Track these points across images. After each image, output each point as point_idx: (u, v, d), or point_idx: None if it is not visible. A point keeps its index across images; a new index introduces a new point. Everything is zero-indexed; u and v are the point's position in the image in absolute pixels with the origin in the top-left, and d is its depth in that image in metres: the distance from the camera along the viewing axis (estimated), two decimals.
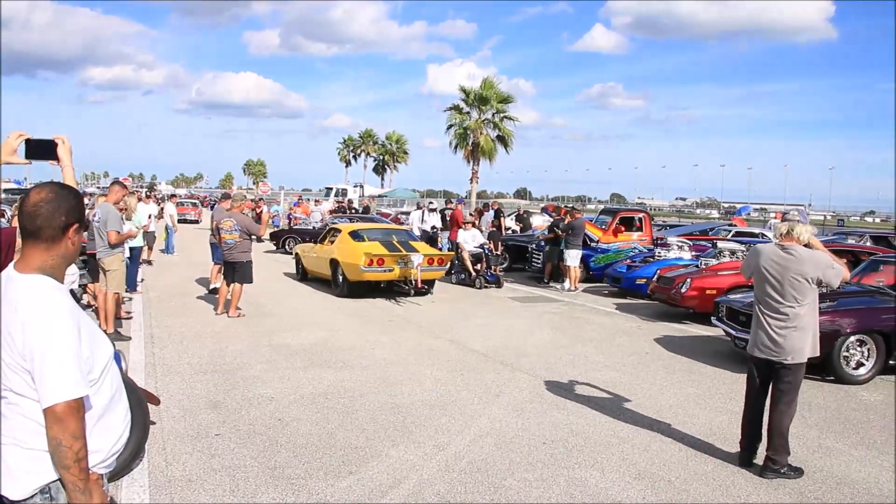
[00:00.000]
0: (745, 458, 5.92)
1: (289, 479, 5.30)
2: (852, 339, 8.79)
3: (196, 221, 41.09)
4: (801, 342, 5.67)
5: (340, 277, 14.99)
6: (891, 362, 8.89)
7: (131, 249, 14.99)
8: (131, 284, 14.75)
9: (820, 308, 7.45)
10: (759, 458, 5.82)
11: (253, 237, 12.32)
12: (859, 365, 8.82)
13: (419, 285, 14.59)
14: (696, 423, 7.00)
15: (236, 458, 5.67)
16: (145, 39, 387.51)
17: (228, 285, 12.17)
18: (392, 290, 15.39)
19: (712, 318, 10.62)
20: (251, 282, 12.25)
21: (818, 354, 5.87)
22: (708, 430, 6.76)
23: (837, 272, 5.66)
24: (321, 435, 6.28)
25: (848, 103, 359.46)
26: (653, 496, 5.21)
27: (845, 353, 8.76)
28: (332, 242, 15.82)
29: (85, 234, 9.12)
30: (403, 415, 6.93)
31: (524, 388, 8.09)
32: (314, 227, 25.77)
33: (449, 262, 16.26)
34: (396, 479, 5.34)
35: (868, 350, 8.83)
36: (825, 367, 8.69)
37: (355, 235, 15.47)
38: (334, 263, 15.19)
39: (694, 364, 9.49)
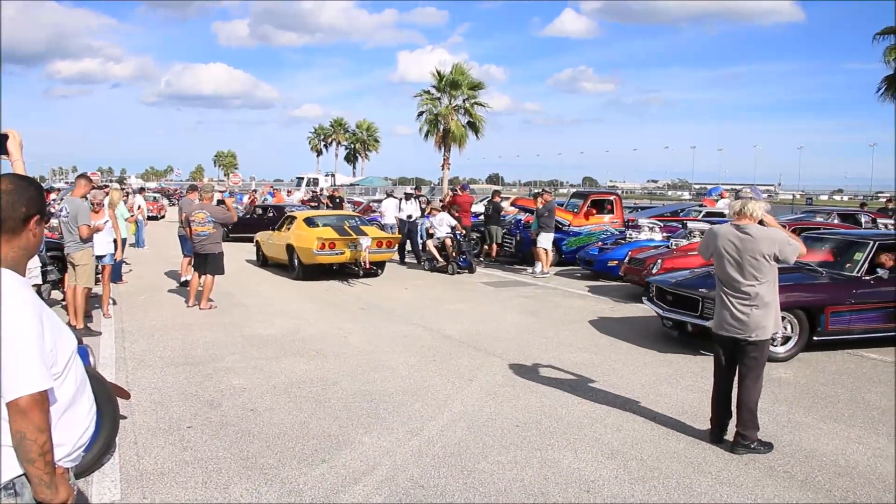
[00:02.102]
0: (715, 435, 5.98)
1: (261, 468, 5.29)
2: None
3: (157, 217, 36.66)
4: (765, 319, 5.72)
5: (296, 261, 15.97)
6: (815, 339, 8.95)
7: (114, 242, 14.88)
8: (116, 275, 14.63)
9: None
10: (730, 435, 5.88)
11: (226, 227, 12.24)
12: (785, 340, 8.86)
13: (367, 266, 15.56)
14: (668, 402, 7.06)
15: (209, 450, 5.64)
16: (113, 32, 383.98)
17: (200, 277, 12.10)
18: (344, 271, 16.17)
19: (643, 298, 10.72)
20: (223, 273, 12.20)
21: (779, 331, 5.91)
22: (679, 409, 6.82)
23: (794, 248, 5.72)
24: (294, 424, 6.26)
25: (816, 85, 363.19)
26: (625, 475, 5.25)
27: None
28: (289, 229, 16.79)
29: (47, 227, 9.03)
30: (376, 402, 6.93)
31: (497, 372, 8.12)
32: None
33: (396, 245, 17.50)
34: (370, 466, 5.35)
35: (791, 327, 8.87)
36: None
37: (309, 222, 16.46)
38: (290, 248, 16.22)
39: (666, 344, 9.56)
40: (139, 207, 22.21)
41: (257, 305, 12.38)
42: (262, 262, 18.52)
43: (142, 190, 36.55)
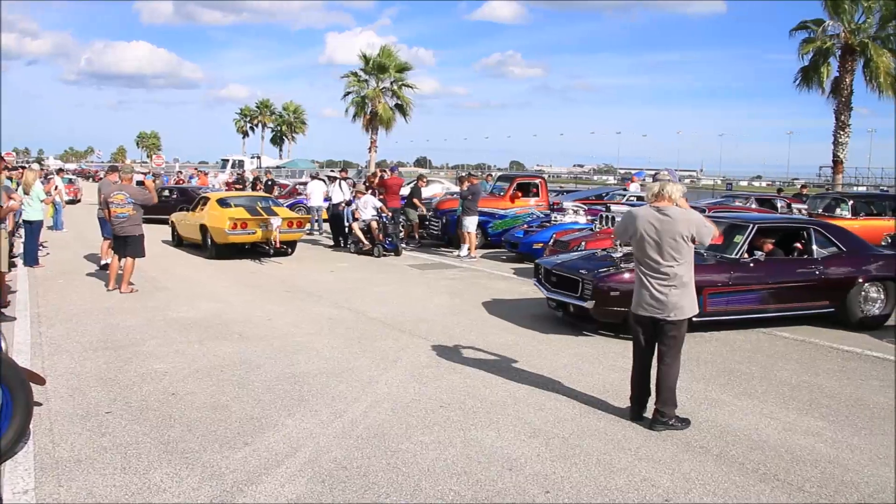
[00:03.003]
0: (635, 413, 6.12)
1: (182, 452, 5.22)
2: None
3: (74, 201, 34.13)
4: (683, 299, 5.86)
5: (209, 241, 16.50)
6: (693, 319, 9.21)
7: (31, 223, 14.49)
8: (31, 259, 14.23)
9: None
10: (649, 412, 6.03)
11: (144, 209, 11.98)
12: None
13: (278, 245, 16.06)
14: (589, 381, 7.19)
15: (128, 435, 5.55)
16: (27, 7, 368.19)
17: (120, 260, 11.85)
18: (256, 251, 16.87)
19: (533, 280, 10.85)
20: (143, 255, 11.97)
21: (696, 312, 6.06)
22: (601, 388, 6.96)
23: (709, 230, 5.92)
24: (216, 407, 6.20)
25: (737, 73, 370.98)
26: (547, 452, 5.34)
27: None
28: (203, 210, 17.24)
29: None
30: (300, 384, 6.90)
31: (421, 353, 8.16)
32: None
33: (307, 224, 18.54)
34: (293, 448, 5.33)
35: None
36: (626, 326, 9.04)
37: (222, 203, 16.94)
38: (203, 228, 16.74)
39: (587, 324, 9.71)
40: (56, 188, 21.58)
41: (180, 289, 12.17)
42: (178, 242, 18.88)
43: (60, 171, 35.45)
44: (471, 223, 16.90)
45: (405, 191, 20.92)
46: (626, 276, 8.71)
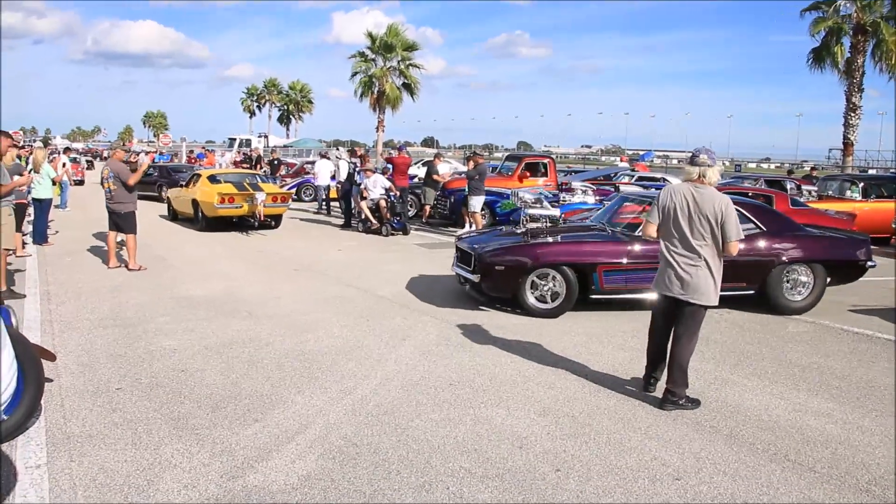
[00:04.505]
0: (647, 382, 6.20)
1: (193, 429, 5.23)
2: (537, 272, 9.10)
3: (80, 182, 33.59)
4: (707, 284, 5.78)
5: (200, 214, 17.89)
6: (591, 297, 9.19)
7: (40, 201, 14.54)
8: (41, 237, 14.28)
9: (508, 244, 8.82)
10: (659, 392, 6.04)
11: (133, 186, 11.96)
12: (555, 296, 9.10)
13: (262, 218, 17.53)
14: (599, 360, 7.18)
15: (138, 411, 5.56)
16: None
17: (116, 236, 11.96)
18: (244, 224, 18.18)
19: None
20: (132, 231, 11.86)
21: (717, 303, 5.96)
22: (611, 367, 6.95)
23: (736, 224, 5.76)
24: (226, 384, 6.21)
25: (744, 55, 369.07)
26: (557, 431, 5.34)
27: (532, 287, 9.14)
28: (195, 186, 18.70)
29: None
30: (309, 362, 6.91)
31: (431, 331, 8.15)
32: None
33: (290, 200, 19.84)
34: (303, 425, 5.33)
35: (557, 283, 9.09)
36: (515, 300, 9.17)
37: (213, 179, 18.50)
38: (195, 203, 18.07)
39: (599, 304, 9.64)
40: (64, 165, 21.59)
41: (188, 267, 12.19)
42: (173, 216, 20.33)
43: (66, 150, 35.45)
44: (477, 203, 16.85)
45: (421, 172, 20.91)
46: (508, 256, 9.07)
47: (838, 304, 9.85)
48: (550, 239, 9.40)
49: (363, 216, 17.87)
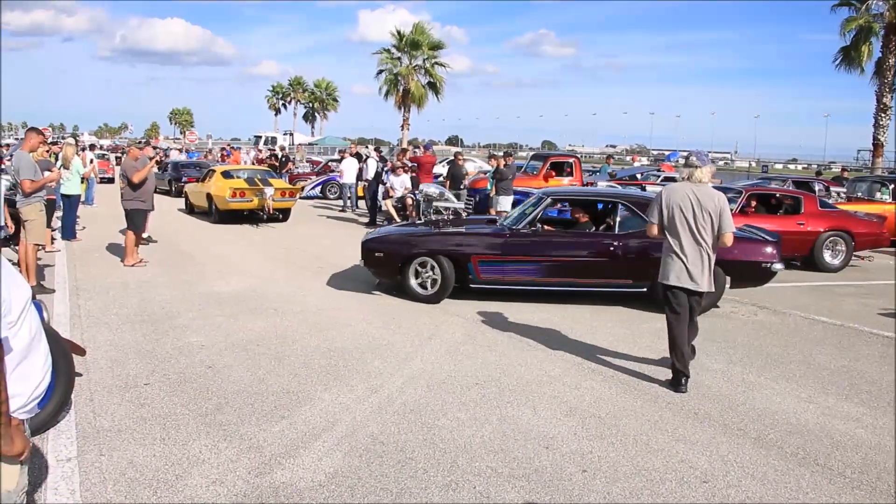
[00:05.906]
0: (681, 381, 6.36)
1: (220, 425, 5.26)
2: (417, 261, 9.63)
3: (110, 179, 31.49)
4: (709, 272, 6.28)
5: (213, 207, 18.97)
6: (471, 286, 9.55)
7: (69, 197, 14.70)
8: (69, 232, 14.44)
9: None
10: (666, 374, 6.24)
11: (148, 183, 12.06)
12: (434, 283, 9.55)
13: (271, 212, 18.51)
14: (625, 362, 7.15)
15: (166, 407, 5.60)
16: None
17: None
18: (255, 217, 18.94)
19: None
20: (136, 230, 11.97)
21: (714, 289, 6.70)
22: (637, 368, 6.92)
23: (730, 218, 6.31)
24: (253, 381, 6.24)
25: (773, 54, 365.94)
26: (584, 431, 5.32)
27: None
28: (210, 181, 19.76)
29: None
30: (336, 359, 6.93)
31: (457, 330, 8.15)
32: None
33: (299, 195, 21.10)
34: (329, 422, 5.35)
35: (432, 271, 9.56)
36: (400, 286, 9.76)
37: (226, 175, 19.73)
38: (209, 197, 19.21)
39: (624, 306, 9.64)
40: (91, 161, 21.79)
41: (213, 263, 12.26)
42: (190, 210, 21.25)
43: (92, 147, 35.74)
44: (505, 203, 16.78)
45: (444, 171, 20.95)
46: (386, 245, 9.91)
47: (868, 308, 9.74)
48: (436, 230, 10.03)
49: (387, 214, 17.91)
